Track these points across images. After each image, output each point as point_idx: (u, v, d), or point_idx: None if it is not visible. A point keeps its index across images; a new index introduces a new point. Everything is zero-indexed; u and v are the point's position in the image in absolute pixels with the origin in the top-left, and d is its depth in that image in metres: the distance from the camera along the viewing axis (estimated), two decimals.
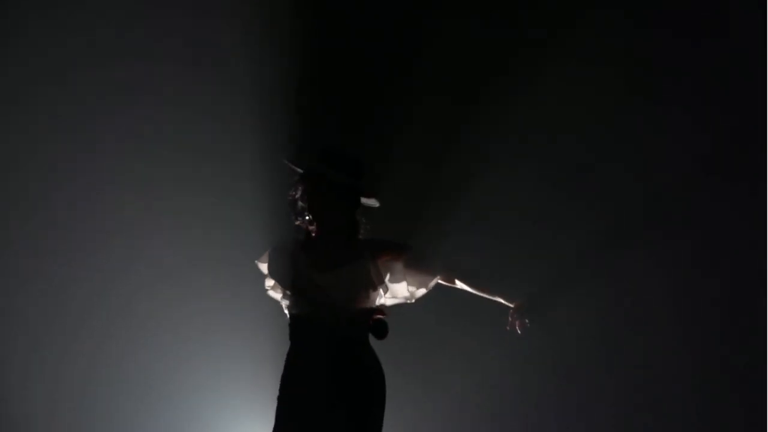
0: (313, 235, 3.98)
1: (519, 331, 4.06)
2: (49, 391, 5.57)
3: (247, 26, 5.54)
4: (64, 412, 5.58)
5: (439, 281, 4.05)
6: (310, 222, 3.97)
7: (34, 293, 5.57)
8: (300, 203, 3.97)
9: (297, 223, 4.01)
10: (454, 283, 4.07)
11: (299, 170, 4.01)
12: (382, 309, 3.97)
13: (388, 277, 3.97)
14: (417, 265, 4.01)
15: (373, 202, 4.05)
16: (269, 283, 3.99)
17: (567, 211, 5.70)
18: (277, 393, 3.93)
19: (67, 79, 5.51)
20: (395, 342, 4.12)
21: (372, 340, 3.94)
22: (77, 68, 5.50)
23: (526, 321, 4.05)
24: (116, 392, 5.62)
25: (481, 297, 4.10)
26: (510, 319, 4.06)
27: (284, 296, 3.95)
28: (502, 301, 4.09)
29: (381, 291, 3.96)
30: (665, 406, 5.73)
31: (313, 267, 3.89)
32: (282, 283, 3.91)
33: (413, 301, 4.06)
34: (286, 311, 3.96)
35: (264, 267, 4.00)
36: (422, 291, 4.04)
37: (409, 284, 3.99)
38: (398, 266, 3.99)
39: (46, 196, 5.55)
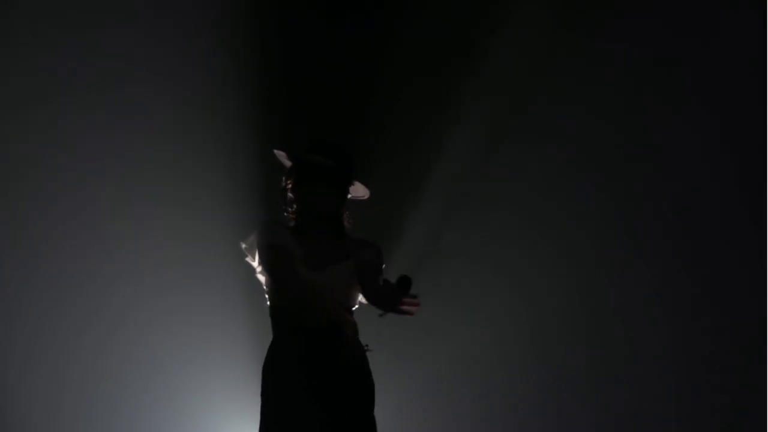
0: (300, 227, 3.92)
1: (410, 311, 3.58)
2: (46, 392, 5.58)
3: (230, 21, 5.58)
4: (61, 414, 5.60)
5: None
6: (299, 213, 3.91)
7: (29, 296, 5.59)
8: (290, 194, 3.92)
9: (286, 214, 3.95)
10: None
11: (288, 162, 3.96)
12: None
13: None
14: (375, 268, 3.91)
15: (363, 194, 4.00)
16: (259, 268, 3.90)
17: (553, 204, 5.74)
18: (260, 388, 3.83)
19: (47, 81, 5.52)
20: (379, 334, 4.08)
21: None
22: (60, 70, 5.52)
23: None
24: (108, 393, 5.63)
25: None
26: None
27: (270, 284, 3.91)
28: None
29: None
30: (658, 405, 5.75)
31: (305, 264, 3.82)
32: (272, 275, 3.88)
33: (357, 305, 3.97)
34: (267, 297, 3.89)
35: (251, 250, 3.92)
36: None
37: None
38: (366, 268, 3.90)
39: (41, 199, 5.58)
